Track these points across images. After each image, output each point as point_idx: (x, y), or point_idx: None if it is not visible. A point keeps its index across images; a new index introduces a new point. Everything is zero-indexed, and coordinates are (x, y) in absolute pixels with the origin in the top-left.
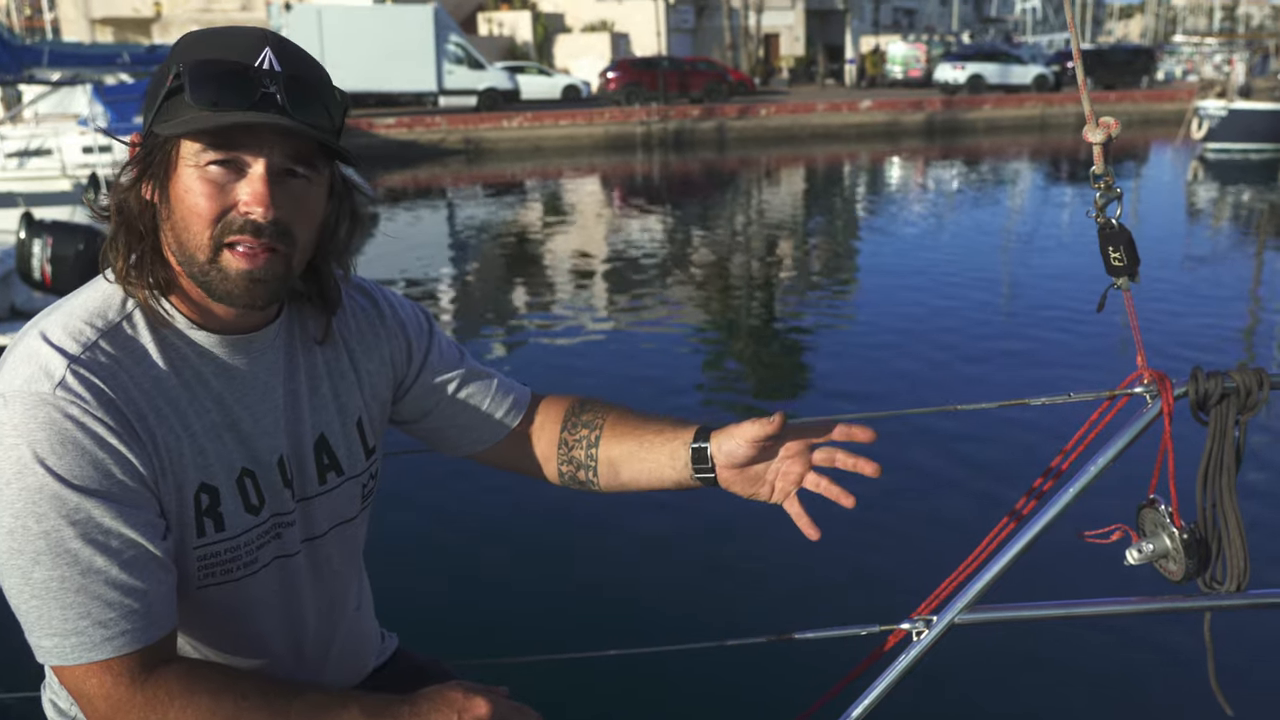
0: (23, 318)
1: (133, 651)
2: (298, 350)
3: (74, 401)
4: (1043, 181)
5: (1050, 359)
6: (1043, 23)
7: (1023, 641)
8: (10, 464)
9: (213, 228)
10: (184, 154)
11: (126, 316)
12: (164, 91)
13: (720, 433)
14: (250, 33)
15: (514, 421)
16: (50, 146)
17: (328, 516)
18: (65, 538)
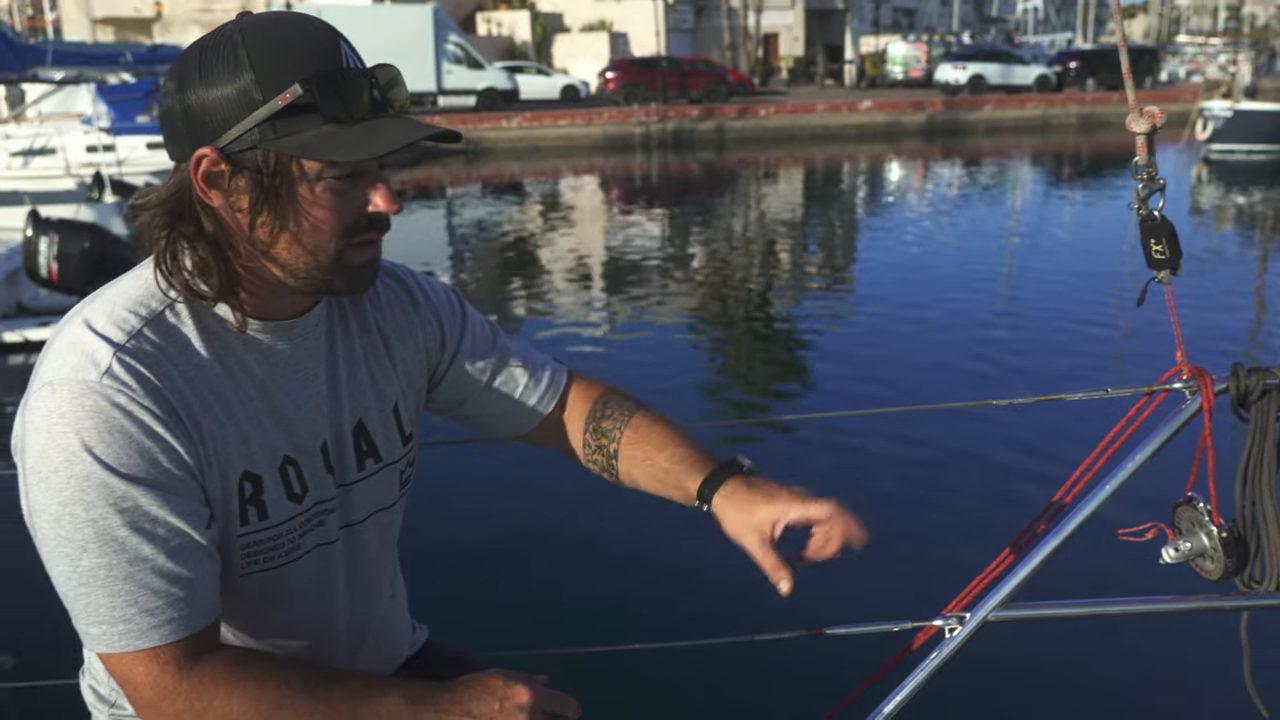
0: (30, 315)
1: (179, 639)
2: (337, 336)
3: (120, 390)
4: (1049, 181)
5: (1083, 354)
6: (1044, 23)
7: (1055, 640)
8: (58, 452)
9: (341, 236)
10: (307, 169)
11: (169, 305)
12: (274, 106)
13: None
14: (316, 28)
15: (546, 410)
16: (54, 145)
17: (367, 503)
18: (112, 526)
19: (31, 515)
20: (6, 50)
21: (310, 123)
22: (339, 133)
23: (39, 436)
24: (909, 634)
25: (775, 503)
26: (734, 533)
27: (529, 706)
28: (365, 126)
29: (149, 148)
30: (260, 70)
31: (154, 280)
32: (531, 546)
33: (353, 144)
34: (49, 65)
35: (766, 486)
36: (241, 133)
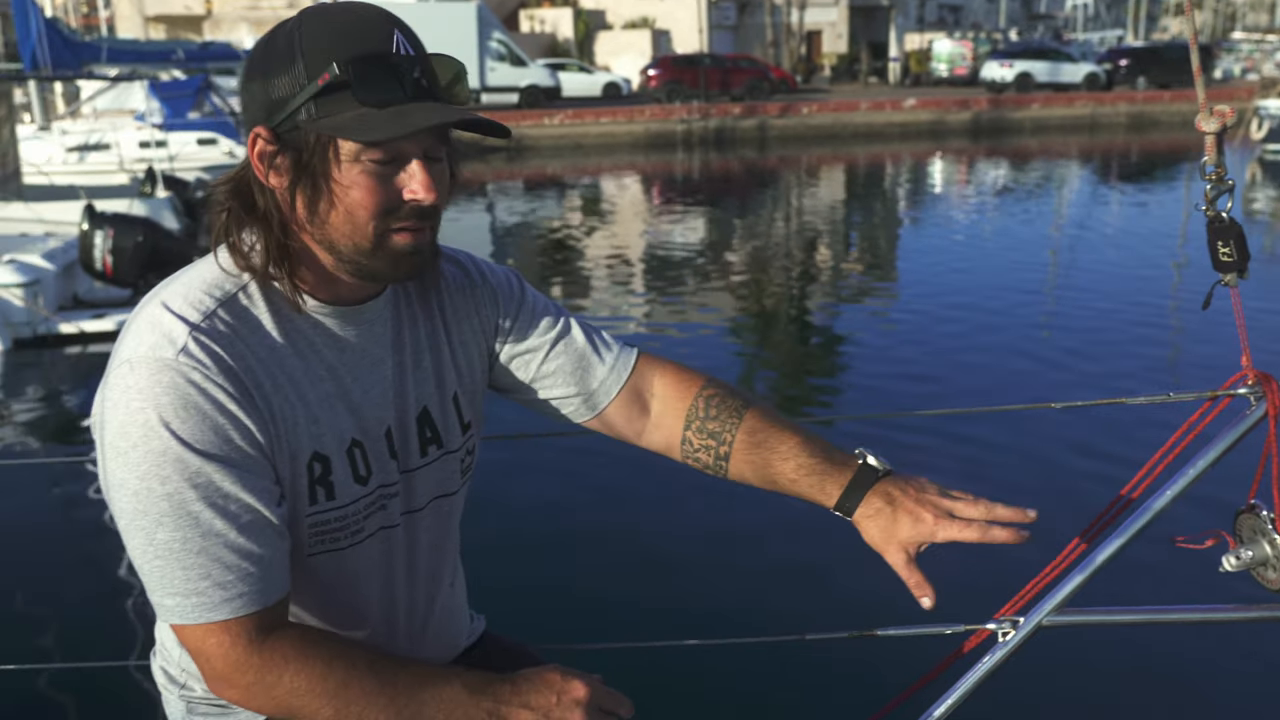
0: (85, 307)
1: (250, 613)
2: (403, 323)
3: (196, 367)
4: (1098, 181)
5: (1140, 358)
6: (1094, 19)
7: (1110, 647)
8: (137, 427)
9: (379, 219)
10: (344, 150)
11: (242, 288)
12: (314, 87)
13: (864, 527)
14: (374, 14)
15: (610, 393)
16: (109, 141)
17: (428, 489)
18: (187, 500)
19: (110, 489)
20: (63, 47)
21: (347, 104)
22: (372, 115)
23: (118, 412)
24: (961, 637)
25: (921, 525)
26: (876, 545)
27: (585, 702)
28: (398, 110)
29: (199, 143)
30: (309, 54)
31: (228, 263)
32: (588, 541)
33: (380, 125)
34: (104, 62)
35: (909, 505)
36: (288, 113)
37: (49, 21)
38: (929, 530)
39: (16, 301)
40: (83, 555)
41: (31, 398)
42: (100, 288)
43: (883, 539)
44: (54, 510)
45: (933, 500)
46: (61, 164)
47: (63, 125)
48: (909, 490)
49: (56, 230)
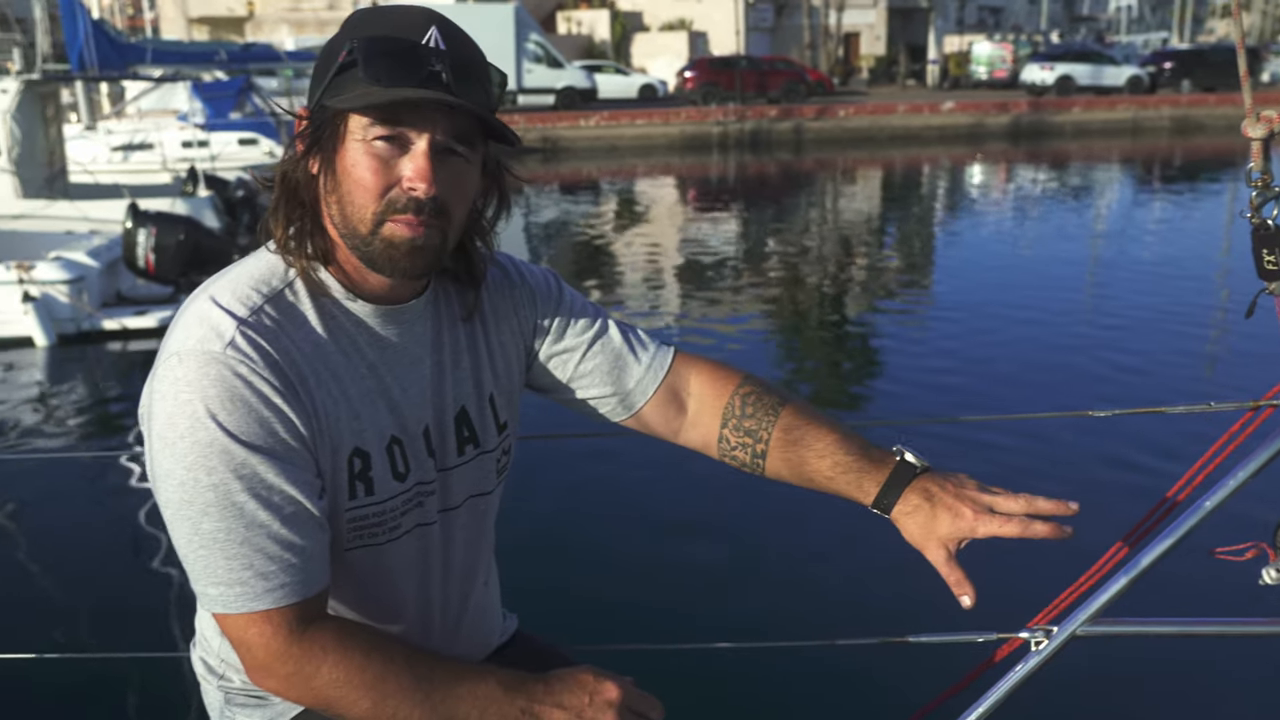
0: (128, 303)
1: (291, 604)
2: (443, 324)
3: (243, 361)
4: (1139, 186)
5: (1179, 366)
6: (1138, 21)
7: (1144, 659)
8: (184, 419)
9: (377, 202)
10: (352, 129)
11: (288, 284)
12: (335, 67)
13: (903, 524)
14: (418, 12)
15: (647, 392)
16: (152, 141)
17: (464, 488)
18: (232, 491)
19: (156, 479)
20: (110, 49)
21: (357, 82)
22: (374, 93)
23: (166, 404)
24: (993, 645)
25: (961, 521)
26: (916, 543)
27: (617, 703)
28: (403, 92)
29: (240, 143)
30: (344, 37)
31: (274, 260)
32: (620, 542)
33: (364, 96)
34: (148, 64)
35: (948, 501)
36: (318, 94)
37: (96, 23)
38: (969, 526)
39: (62, 298)
40: (125, 547)
41: (76, 392)
42: (142, 285)
43: (922, 536)
44: (96, 502)
45: (972, 496)
46: (106, 163)
47: (108, 125)
48: (948, 486)
49: (101, 228)
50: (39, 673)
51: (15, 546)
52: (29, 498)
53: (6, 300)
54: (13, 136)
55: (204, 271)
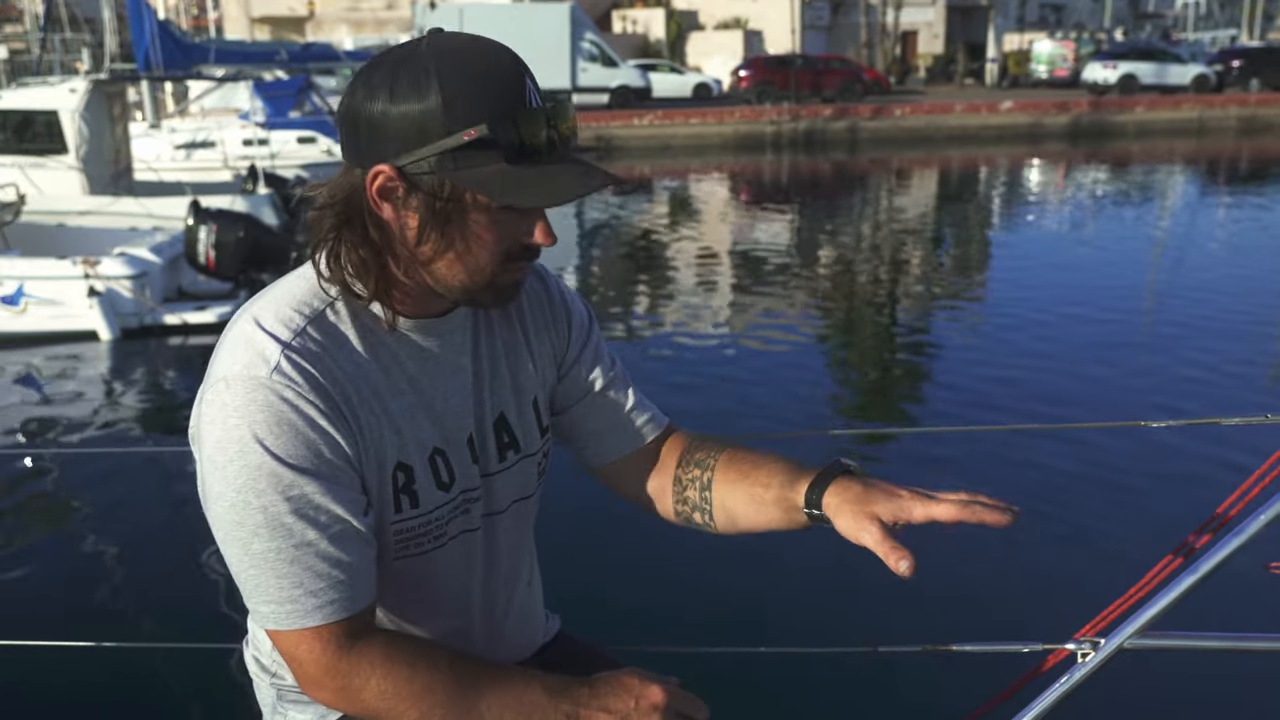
0: (189, 299)
1: (340, 620)
2: (481, 332)
3: (289, 385)
4: (1204, 188)
5: (1237, 377)
6: (1206, 18)
7: (1194, 674)
8: (233, 443)
9: (498, 262)
10: (479, 200)
11: (330, 304)
12: (456, 140)
13: (836, 510)
14: (508, 61)
15: (642, 440)
16: (214, 139)
17: (508, 493)
18: (281, 512)
19: (208, 501)
20: (175, 49)
21: (489, 159)
22: (516, 172)
23: (215, 429)
24: (1038, 656)
25: (898, 499)
26: (850, 529)
27: (663, 707)
28: (542, 169)
29: (299, 142)
30: (448, 99)
31: (316, 279)
32: (661, 543)
33: (529, 187)
34: (212, 63)
35: (884, 485)
36: (422, 157)
37: (161, 24)
38: (906, 505)
39: (125, 293)
40: (184, 540)
41: (138, 385)
42: (203, 280)
43: (853, 517)
44: (157, 495)
45: (909, 488)
46: (170, 160)
47: (172, 123)
48: (882, 481)
49: (164, 225)
50: (97, 662)
51: (76, 536)
52: (91, 489)
53: (73, 294)
54: (81, 135)
55: (262, 268)
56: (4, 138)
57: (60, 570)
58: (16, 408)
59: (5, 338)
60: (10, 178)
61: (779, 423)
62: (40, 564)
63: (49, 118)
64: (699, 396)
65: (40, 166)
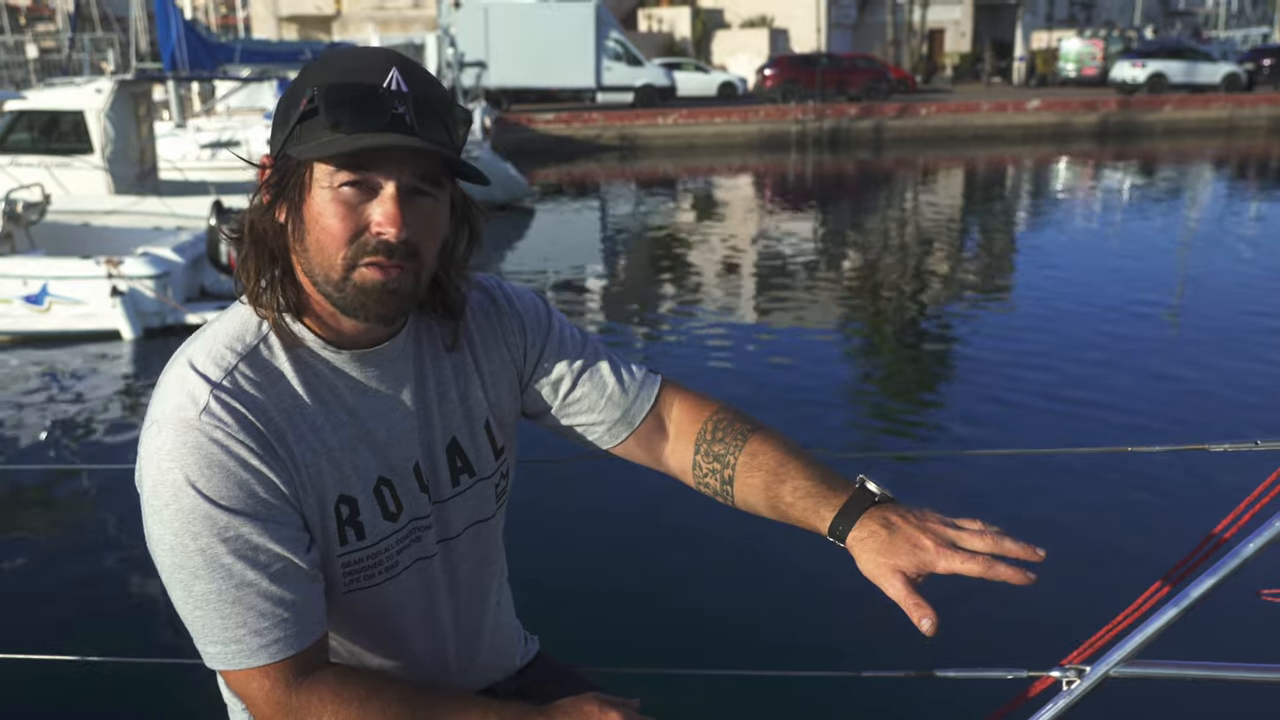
0: (211, 299)
1: (286, 657)
2: (425, 359)
3: (218, 426)
4: (1227, 191)
5: (1231, 400)
6: (1238, 16)
7: (1183, 704)
8: (167, 487)
9: (347, 248)
10: (317, 176)
11: (263, 339)
12: (297, 115)
13: (859, 551)
14: (376, 54)
15: (637, 420)
16: (239, 138)
17: (464, 516)
18: (219, 554)
19: (150, 543)
20: (201, 49)
21: (320, 130)
22: (339, 140)
23: (151, 472)
24: (1023, 683)
25: (921, 553)
26: (872, 574)
27: None
28: (368, 139)
29: None
30: (303, 84)
31: (248, 314)
32: (642, 564)
33: (328, 145)
34: (237, 63)
35: (908, 531)
36: (280, 142)
37: (188, 24)
38: (929, 559)
39: (148, 292)
40: None
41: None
42: (225, 280)
43: (877, 565)
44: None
45: (934, 529)
46: (195, 160)
47: (197, 123)
48: (909, 517)
49: (187, 224)
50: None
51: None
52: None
53: (96, 294)
54: (106, 135)
55: None
56: (31, 138)
57: (35, 583)
58: (33, 407)
59: (29, 336)
60: (36, 177)
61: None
62: (18, 576)
63: (75, 118)
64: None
65: (66, 166)
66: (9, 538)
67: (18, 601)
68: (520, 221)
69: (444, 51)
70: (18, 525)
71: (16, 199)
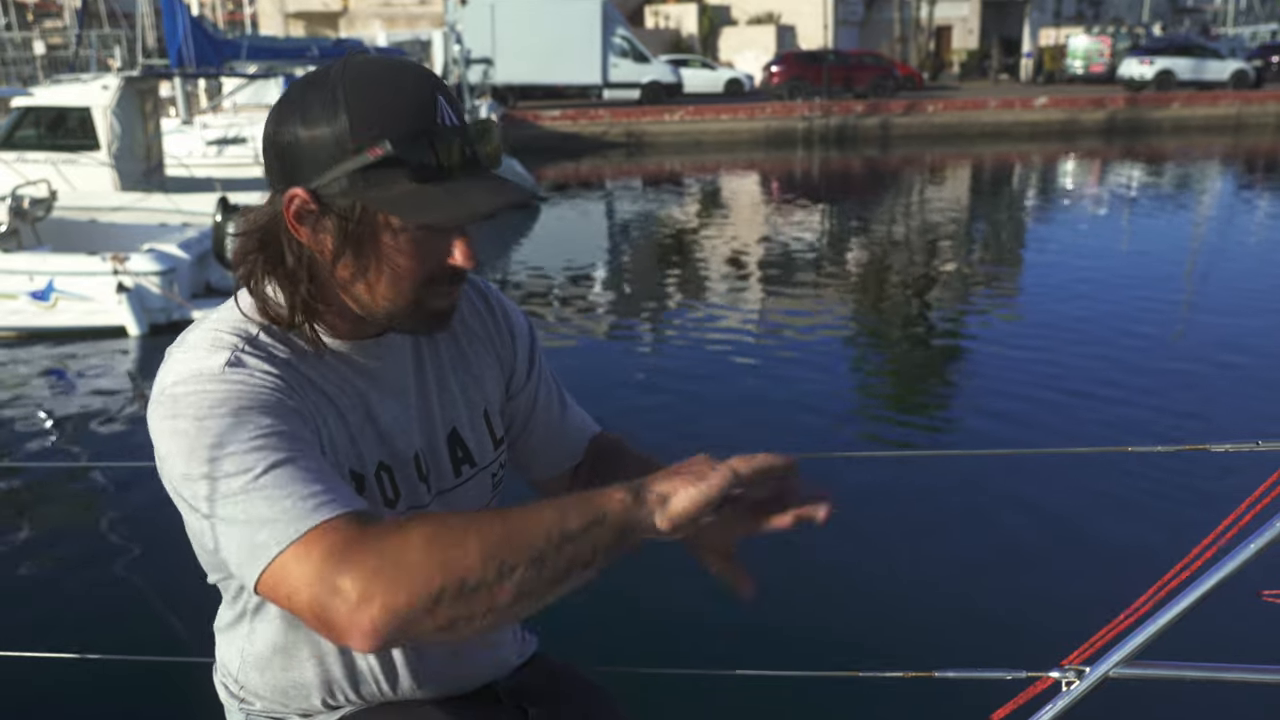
0: (217, 295)
1: (344, 513)
2: (424, 348)
3: (243, 378)
4: (1234, 189)
5: (1233, 400)
6: (1246, 13)
7: (1182, 705)
8: (185, 423)
9: (421, 285)
10: (393, 221)
11: (265, 326)
12: (362, 160)
13: None
14: (416, 80)
15: (578, 456)
16: (246, 135)
17: (464, 507)
18: (253, 448)
19: (170, 463)
20: (207, 45)
21: (398, 178)
22: (425, 191)
23: (165, 426)
24: (1022, 683)
25: None
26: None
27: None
28: (451, 186)
29: None
30: (355, 119)
31: (246, 304)
32: (644, 562)
33: (437, 205)
34: (244, 59)
35: None
36: (332, 179)
37: (194, 20)
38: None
39: (154, 289)
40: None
41: None
42: (231, 277)
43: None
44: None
45: None
46: (201, 157)
47: (204, 119)
48: None
49: (193, 220)
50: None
51: (56, 544)
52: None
53: (102, 290)
54: (113, 131)
55: None
56: (38, 134)
57: (37, 579)
58: (39, 403)
59: (35, 332)
60: (43, 174)
61: (780, 432)
62: (20, 572)
63: (82, 114)
64: (720, 409)
65: (73, 163)
66: (12, 534)
67: (21, 598)
68: (527, 218)
69: (450, 48)
70: (21, 522)
71: (23, 195)
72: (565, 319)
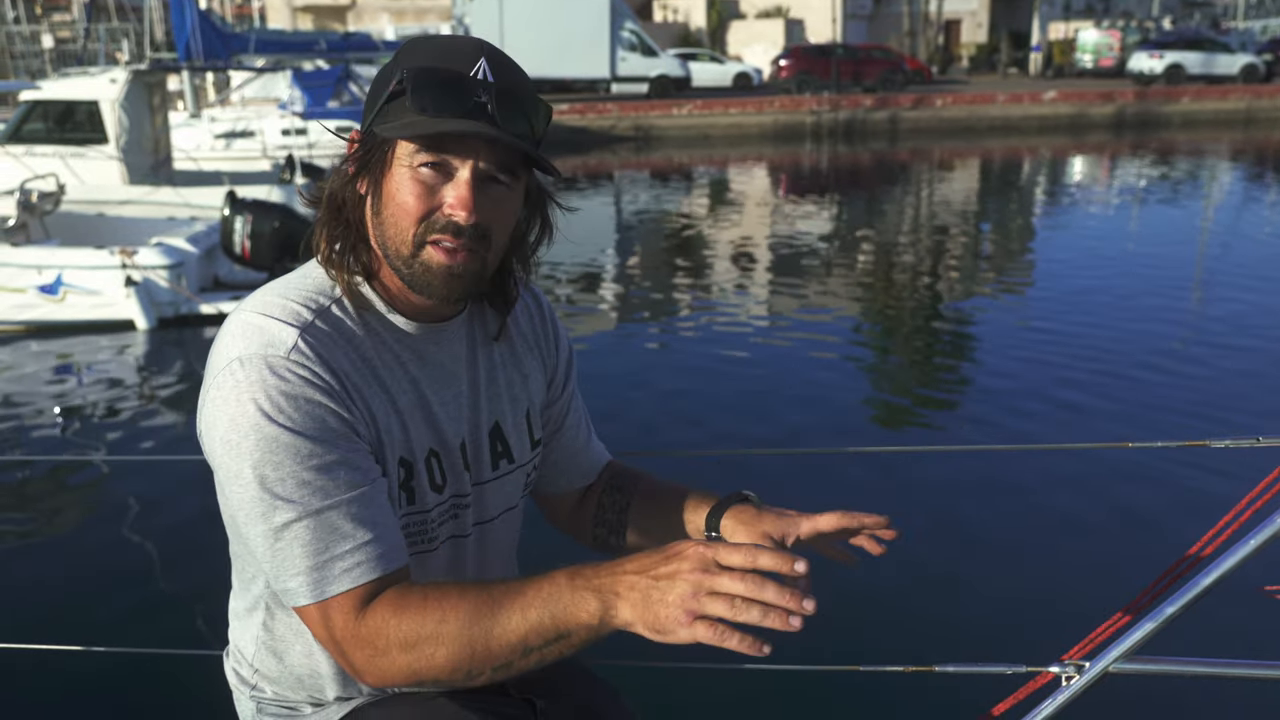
0: (225, 289)
1: (370, 581)
2: (478, 343)
3: (303, 365)
4: (1244, 183)
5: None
6: (1256, 6)
7: (1183, 700)
8: (248, 419)
9: (418, 225)
10: (399, 155)
11: (336, 300)
12: (386, 94)
13: (731, 531)
14: (469, 43)
15: (591, 477)
16: (254, 129)
17: (498, 502)
18: (301, 479)
19: (226, 484)
20: (215, 39)
21: (405, 111)
22: (420, 122)
23: (229, 407)
24: (1023, 678)
25: (785, 518)
26: None
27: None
28: (448, 124)
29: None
30: (396, 66)
31: (320, 275)
32: None
33: (410, 126)
34: (252, 53)
35: (776, 509)
36: (370, 119)
37: (203, 14)
38: (794, 522)
39: (162, 282)
40: (181, 543)
41: (173, 376)
42: (239, 270)
43: (747, 536)
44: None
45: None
46: (210, 150)
47: (212, 113)
48: (776, 507)
49: (201, 214)
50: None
51: (62, 538)
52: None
53: (110, 284)
54: (121, 125)
55: (296, 258)
56: (45, 128)
57: (46, 572)
58: (48, 396)
59: (44, 326)
60: (51, 167)
61: (786, 430)
62: (31, 565)
63: (90, 108)
64: (726, 404)
65: (81, 156)
66: (20, 527)
67: (30, 591)
68: None
69: None
70: (28, 514)
71: (31, 189)
72: (573, 312)
